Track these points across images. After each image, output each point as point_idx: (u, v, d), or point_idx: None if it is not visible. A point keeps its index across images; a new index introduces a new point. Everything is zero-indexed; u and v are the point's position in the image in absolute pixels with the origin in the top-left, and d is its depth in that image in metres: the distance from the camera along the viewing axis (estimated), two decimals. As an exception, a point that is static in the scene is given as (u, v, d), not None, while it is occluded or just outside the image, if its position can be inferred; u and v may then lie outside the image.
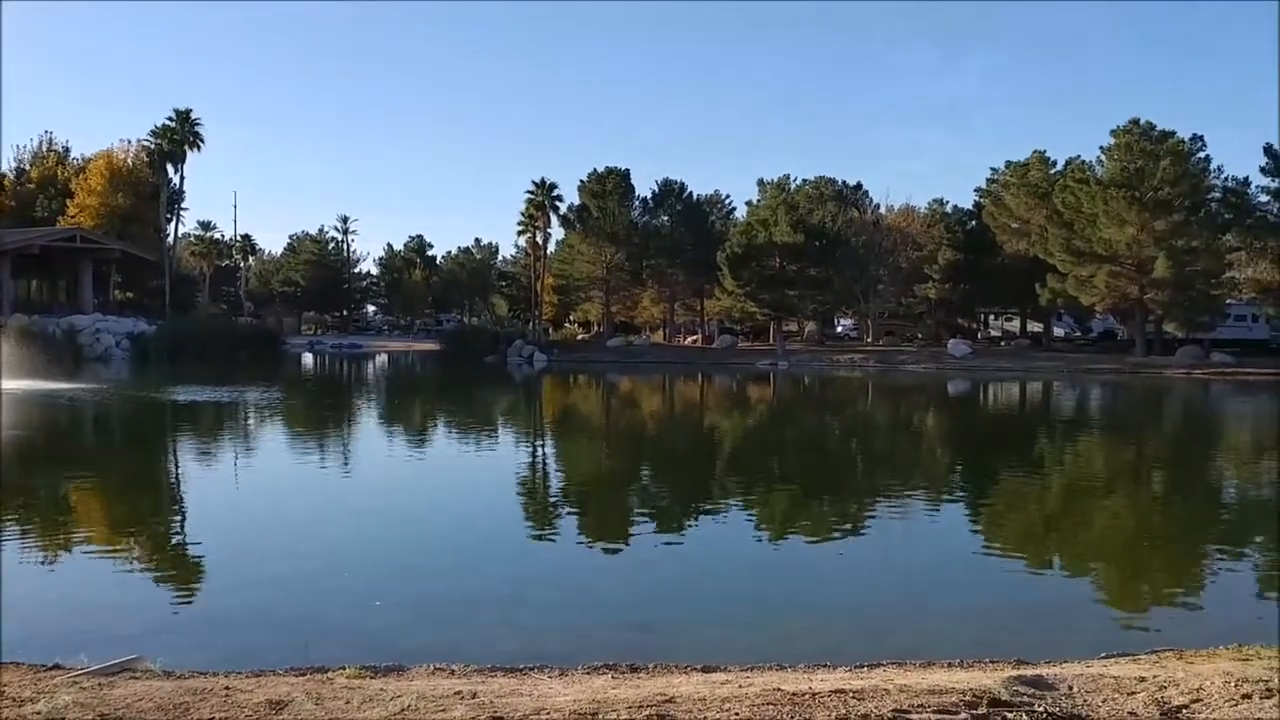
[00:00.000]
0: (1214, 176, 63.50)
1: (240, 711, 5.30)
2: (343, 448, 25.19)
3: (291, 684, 6.27)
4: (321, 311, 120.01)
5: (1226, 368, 59.33)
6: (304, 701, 5.53)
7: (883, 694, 5.41)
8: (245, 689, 5.93)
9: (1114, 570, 12.79)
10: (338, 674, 6.78)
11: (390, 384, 55.79)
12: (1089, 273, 62.82)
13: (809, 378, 58.82)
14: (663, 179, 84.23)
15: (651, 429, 33.18)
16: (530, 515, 16.54)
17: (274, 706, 5.38)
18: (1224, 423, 36.47)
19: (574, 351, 76.70)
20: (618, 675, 7.02)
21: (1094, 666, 7.12)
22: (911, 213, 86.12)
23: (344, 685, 6.22)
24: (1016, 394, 49.50)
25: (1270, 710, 5.49)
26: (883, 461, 24.50)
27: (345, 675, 6.73)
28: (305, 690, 5.89)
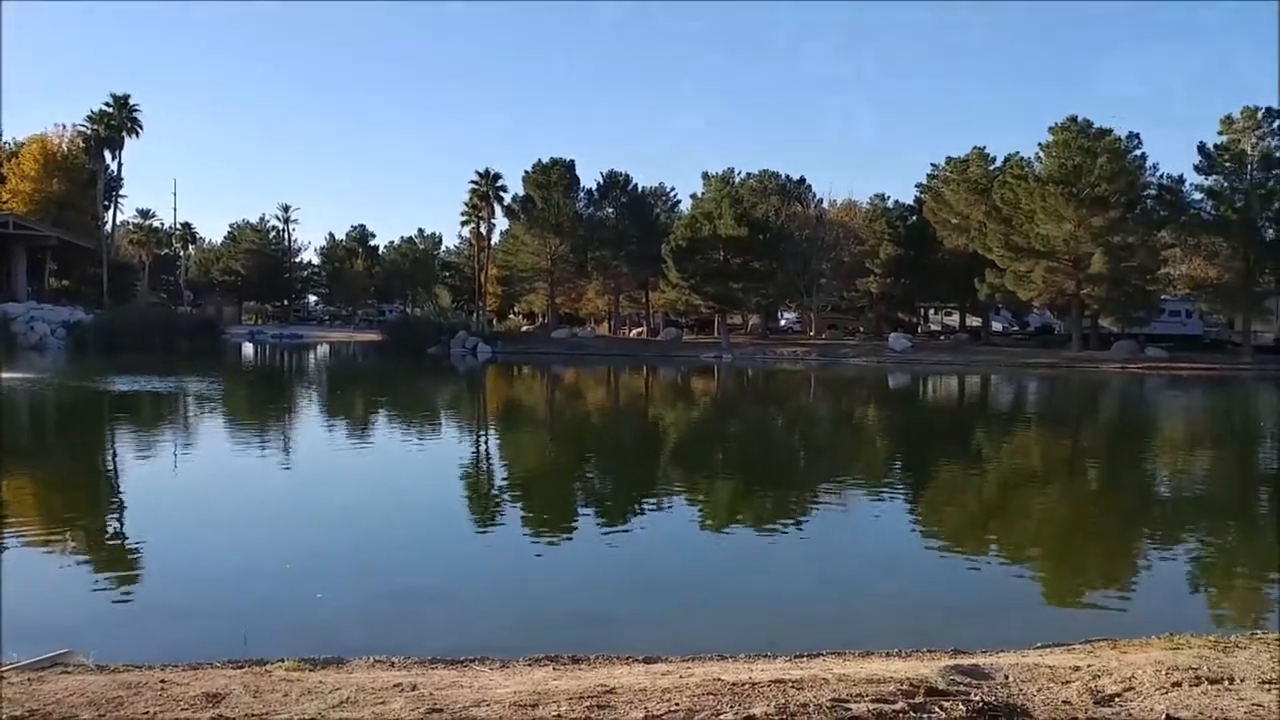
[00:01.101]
0: (1150, 174, 64.79)
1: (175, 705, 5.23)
2: (283, 440, 24.90)
3: (229, 676, 6.20)
4: (262, 301, 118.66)
5: (1160, 362, 60.53)
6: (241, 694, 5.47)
7: (822, 683, 5.46)
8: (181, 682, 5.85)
9: (1050, 561, 13.00)
10: (276, 666, 6.71)
11: (331, 375, 55.23)
12: (1027, 268, 63.74)
13: (753, 370, 59.10)
14: (607, 170, 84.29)
15: (596, 421, 33.16)
16: (473, 508, 16.46)
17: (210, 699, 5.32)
18: (1158, 416, 37.19)
19: (518, 343, 76.45)
20: (559, 667, 7.02)
21: (1029, 656, 7.24)
22: (854, 207, 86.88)
23: (282, 678, 6.17)
24: (955, 387, 50.12)
25: (1199, 697, 5.62)
26: (825, 454, 24.70)
27: (284, 668, 6.67)
28: (243, 683, 5.83)
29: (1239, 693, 5.74)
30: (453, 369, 58.40)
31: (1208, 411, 38.29)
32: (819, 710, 4.76)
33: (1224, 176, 63.72)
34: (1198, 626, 8.57)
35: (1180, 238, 65.34)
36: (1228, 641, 7.53)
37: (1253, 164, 62.76)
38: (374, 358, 66.71)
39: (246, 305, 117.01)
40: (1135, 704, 5.46)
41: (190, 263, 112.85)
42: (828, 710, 4.76)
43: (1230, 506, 17.38)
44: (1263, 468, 23.57)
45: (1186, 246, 66.17)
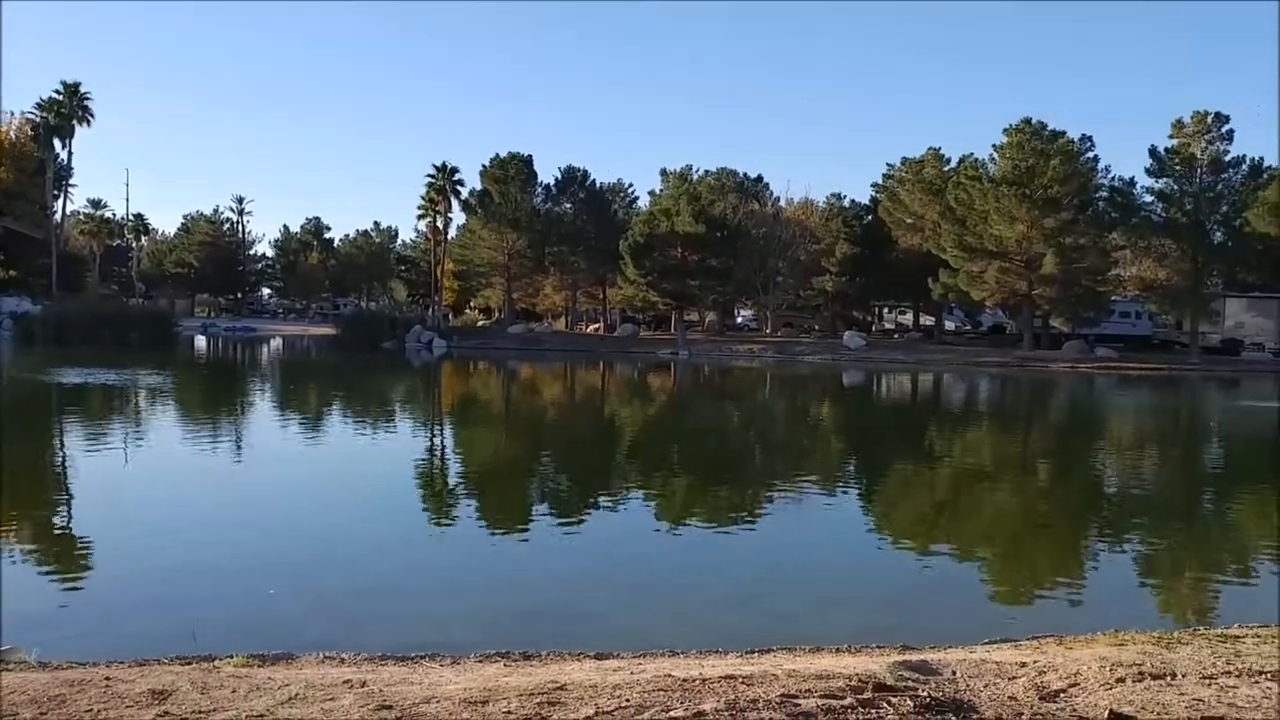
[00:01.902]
0: (1101, 176, 65.52)
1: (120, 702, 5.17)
2: (236, 434, 24.65)
3: (176, 673, 6.14)
4: (216, 294, 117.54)
5: (1110, 362, 61.34)
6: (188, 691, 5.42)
7: (771, 679, 5.49)
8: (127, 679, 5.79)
9: (1000, 558, 13.15)
10: (225, 663, 6.65)
11: (285, 369, 54.71)
12: (980, 268, 64.32)
13: (709, 367, 59.23)
14: (565, 166, 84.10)
15: (552, 416, 33.10)
16: (427, 503, 16.39)
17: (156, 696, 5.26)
18: (1106, 416, 37.67)
19: (474, 338, 76.17)
20: (510, 663, 7.01)
21: (977, 652, 7.32)
22: (810, 206, 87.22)
23: (230, 674, 6.11)
24: (908, 385, 50.49)
25: (1142, 693, 5.71)
26: (779, 450, 24.80)
27: (233, 664, 6.61)
28: (190, 679, 5.77)
29: (1180, 688, 5.84)
30: (407, 364, 58.06)
31: (1155, 411, 38.86)
32: (769, 706, 4.79)
33: (1174, 180, 64.58)
34: (1142, 623, 8.71)
35: (1130, 239, 66.21)
36: (1171, 638, 7.65)
37: (1202, 168, 63.66)
38: (328, 352, 66.19)
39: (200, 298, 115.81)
40: (1080, 699, 5.54)
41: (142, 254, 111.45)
42: (777, 706, 4.78)
43: (1175, 505, 17.66)
44: (1207, 467, 23.97)
45: (1137, 248, 67.06)
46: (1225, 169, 64.05)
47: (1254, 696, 5.71)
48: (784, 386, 47.84)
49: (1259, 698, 5.69)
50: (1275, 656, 6.88)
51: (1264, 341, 66.63)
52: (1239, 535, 15.05)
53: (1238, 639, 7.53)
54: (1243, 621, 8.64)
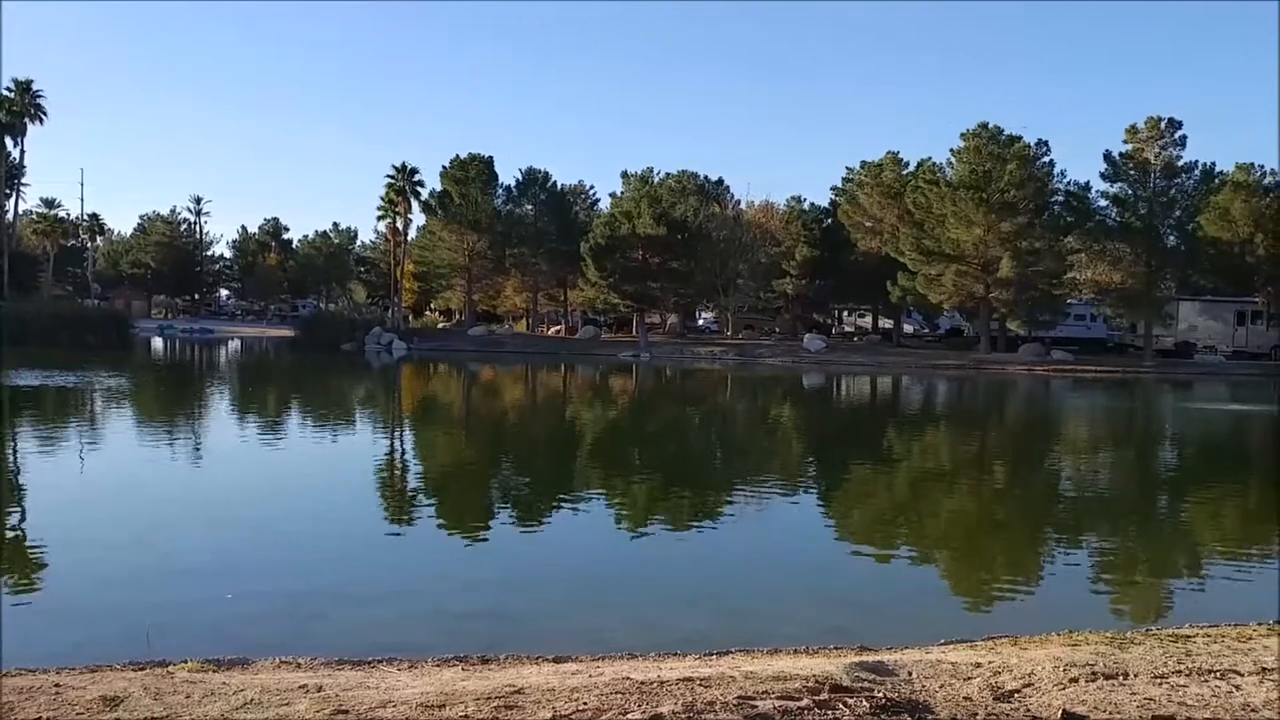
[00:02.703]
0: (1057, 180, 66.18)
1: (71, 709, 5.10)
2: (193, 437, 24.42)
3: (129, 679, 6.07)
4: (173, 295, 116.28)
5: (1066, 364, 62.00)
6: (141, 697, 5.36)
7: (729, 681, 5.52)
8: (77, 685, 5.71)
9: (956, 559, 13.26)
10: (179, 668, 6.59)
11: (243, 371, 54.24)
12: (937, 271, 64.80)
13: (670, 369, 59.30)
14: (526, 167, 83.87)
15: (513, 419, 33.02)
16: (386, 506, 16.32)
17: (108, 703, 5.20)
18: (1062, 417, 38.06)
19: (434, 340, 75.78)
20: (468, 667, 6.99)
21: (933, 652, 7.38)
22: (771, 209, 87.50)
23: (185, 679, 6.06)
24: (868, 388, 50.80)
25: (1095, 693, 5.79)
26: (740, 452, 24.87)
27: (187, 669, 6.55)
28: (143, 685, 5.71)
29: (1132, 688, 5.92)
30: (367, 366, 57.72)
31: (1110, 413, 39.30)
32: (725, 708, 4.81)
33: (1128, 184, 65.37)
34: (1096, 623, 8.82)
35: (1086, 243, 66.93)
36: (1123, 638, 7.76)
37: (1156, 172, 64.47)
38: (286, 353, 65.69)
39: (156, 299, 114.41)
40: (1034, 700, 5.60)
41: (98, 255, 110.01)
42: (734, 708, 4.80)
43: (1129, 506, 17.89)
44: (1160, 469, 24.29)
45: (1092, 252, 67.80)
46: (1178, 174, 64.92)
47: (1203, 695, 5.80)
48: (745, 389, 47.98)
49: (1208, 696, 5.79)
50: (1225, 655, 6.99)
51: (1216, 344, 67.56)
52: (1191, 536, 15.26)
53: (1188, 639, 7.64)
54: (1193, 621, 8.76)
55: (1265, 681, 6.15)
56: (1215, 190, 66.68)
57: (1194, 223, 65.86)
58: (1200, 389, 51.12)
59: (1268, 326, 68.25)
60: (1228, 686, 6.02)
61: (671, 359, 65.99)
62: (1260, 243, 65.71)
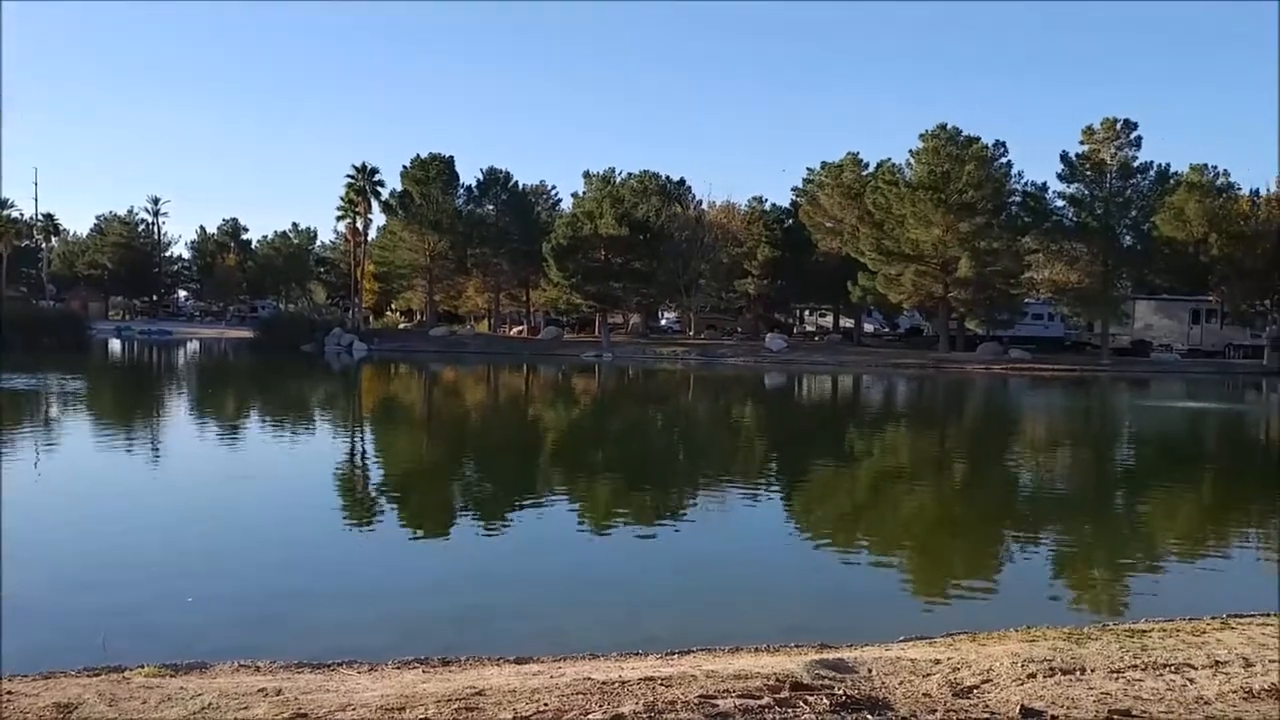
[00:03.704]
0: (1015, 181, 66.67)
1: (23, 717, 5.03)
2: (151, 439, 24.16)
3: (84, 685, 5.99)
4: (130, 296, 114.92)
5: (1023, 363, 62.55)
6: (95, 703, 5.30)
7: (690, 680, 5.53)
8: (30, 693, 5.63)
9: (917, 556, 13.36)
10: (135, 673, 6.51)
11: (202, 373, 53.71)
12: (897, 271, 65.17)
13: (633, 370, 59.31)
14: (487, 167, 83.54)
15: (474, 420, 32.91)
16: (347, 509, 16.21)
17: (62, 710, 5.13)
18: (1020, 416, 38.41)
19: (395, 340, 75.35)
20: (429, 669, 6.96)
21: (893, 649, 7.44)
22: (732, 209, 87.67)
23: (141, 684, 5.99)
24: (829, 387, 51.04)
25: (1052, 688, 5.85)
26: (703, 452, 24.92)
27: (143, 674, 6.48)
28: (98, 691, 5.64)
29: (1089, 682, 5.99)
30: (327, 367, 57.32)
31: (1067, 411, 39.70)
32: (687, 707, 4.81)
33: (1085, 185, 65.95)
34: (1054, 619, 8.91)
35: (1043, 243, 67.48)
36: (1081, 633, 7.84)
37: (1112, 173, 65.12)
38: (246, 355, 65.14)
39: (114, 300, 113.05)
40: (993, 695, 5.65)
41: (53, 256, 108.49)
42: (695, 707, 4.81)
43: (1087, 503, 18.08)
44: (1117, 465, 24.58)
45: (1049, 252, 68.39)
46: (1134, 174, 65.58)
47: (1158, 689, 5.87)
48: (707, 388, 48.07)
49: (1163, 690, 5.86)
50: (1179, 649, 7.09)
51: (1172, 343, 68.42)
52: (1147, 533, 15.46)
53: (1144, 634, 7.74)
54: (1149, 617, 8.87)
55: (1218, 675, 6.24)
56: (1170, 191, 67.43)
57: (1149, 223, 66.57)
58: (1156, 387, 51.76)
59: (1222, 325, 69.17)
60: (1182, 680, 6.10)
61: (634, 359, 66.00)
62: (1214, 242, 66.57)
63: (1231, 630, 7.89)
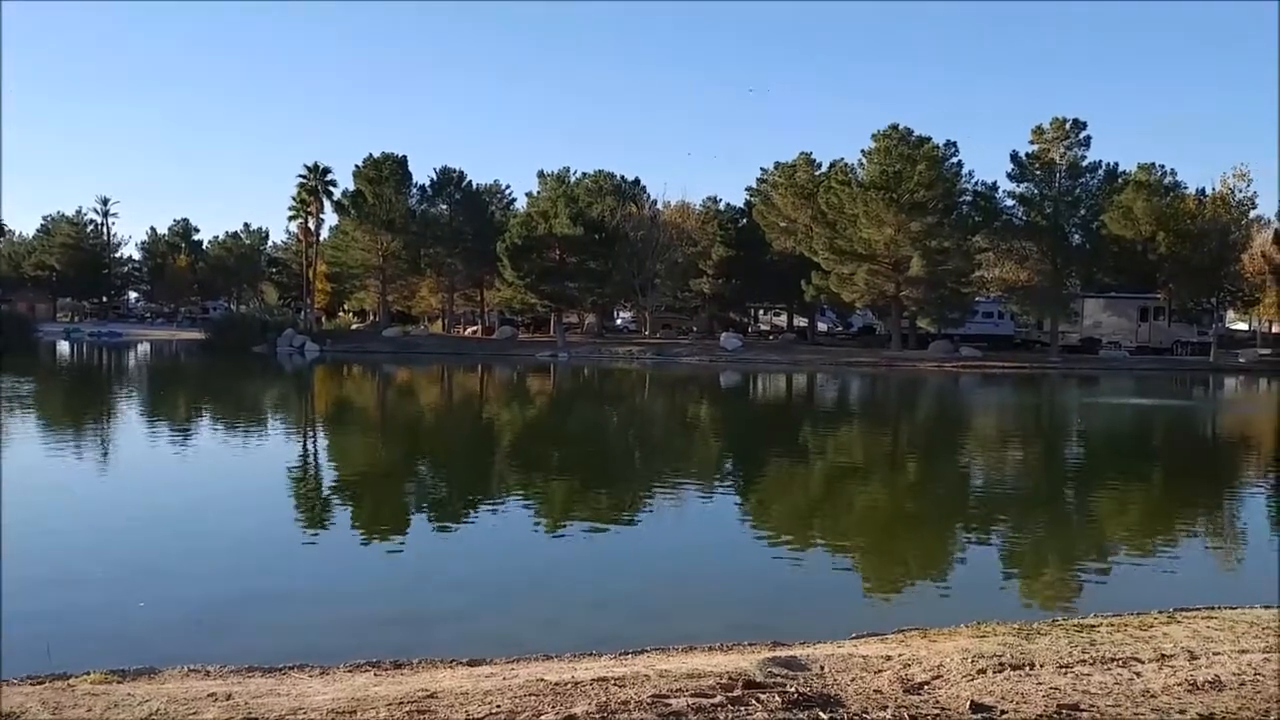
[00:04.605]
0: (966, 181, 67.27)
1: (-36, 727, 4.95)
2: (100, 442, 23.83)
3: (26, 693, 5.89)
4: (79, 298, 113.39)
5: (974, 361, 63.19)
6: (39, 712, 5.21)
7: (643, 680, 5.53)
8: (-29, 702, 5.54)
9: (869, 553, 13.44)
10: (81, 680, 6.41)
11: (152, 375, 53.06)
12: (850, 270, 65.56)
13: (589, 369, 59.25)
14: (441, 167, 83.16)
15: (428, 421, 32.72)
16: (298, 511, 16.08)
17: (4, 719, 5.05)
18: (971, 413, 38.79)
19: (348, 341, 74.78)
20: (380, 672, 6.91)
21: (845, 646, 7.47)
22: (687, 209, 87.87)
23: (87, 691, 5.90)
24: (783, 385, 51.24)
25: (1002, 683, 5.90)
26: (658, 451, 24.93)
27: (90, 681, 6.38)
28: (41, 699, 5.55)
29: (1038, 677, 6.05)
30: (279, 368, 56.81)
31: (1018, 408, 40.15)
32: (639, 707, 4.81)
33: (1034, 184, 66.70)
34: (1004, 614, 8.99)
35: (993, 242, 68.20)
36: (1030, 628, 7.92)
37: (1061, 172, 65.89)
38: (197, 356, 64.44)
39: (62, 302, 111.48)
40: (943, 691, 5.69)
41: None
42: (648, 707, 4.81)
43: (1037, 499, 18.28)
44: (1067, 462, 24.88)
45: (999, 251, 69.13)
46: (1083, 174, 66.40)
47: (1106, 683, 5.95)
48: (663, 388, 48.11)
49: (1111, 684, 5.94)
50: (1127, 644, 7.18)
51: (1120, 340, 69.32)
52: (1097, 528, 15.65)
53: (1093, 628, 7.84)
54: (1098, 611, 8.97)
55: (1164, 668, 6.33)
56: (1118, 190, 68.45)
57: (1098, 221, 67.49)
58: (1105, 384, 52.41)
59: (1169, 322, 70.22)
60: (1129, 674, 6.18)
61: (589, 359, 65.94)
62: (1161, 240, 67.61)
63: (1178, 624, 8.00)
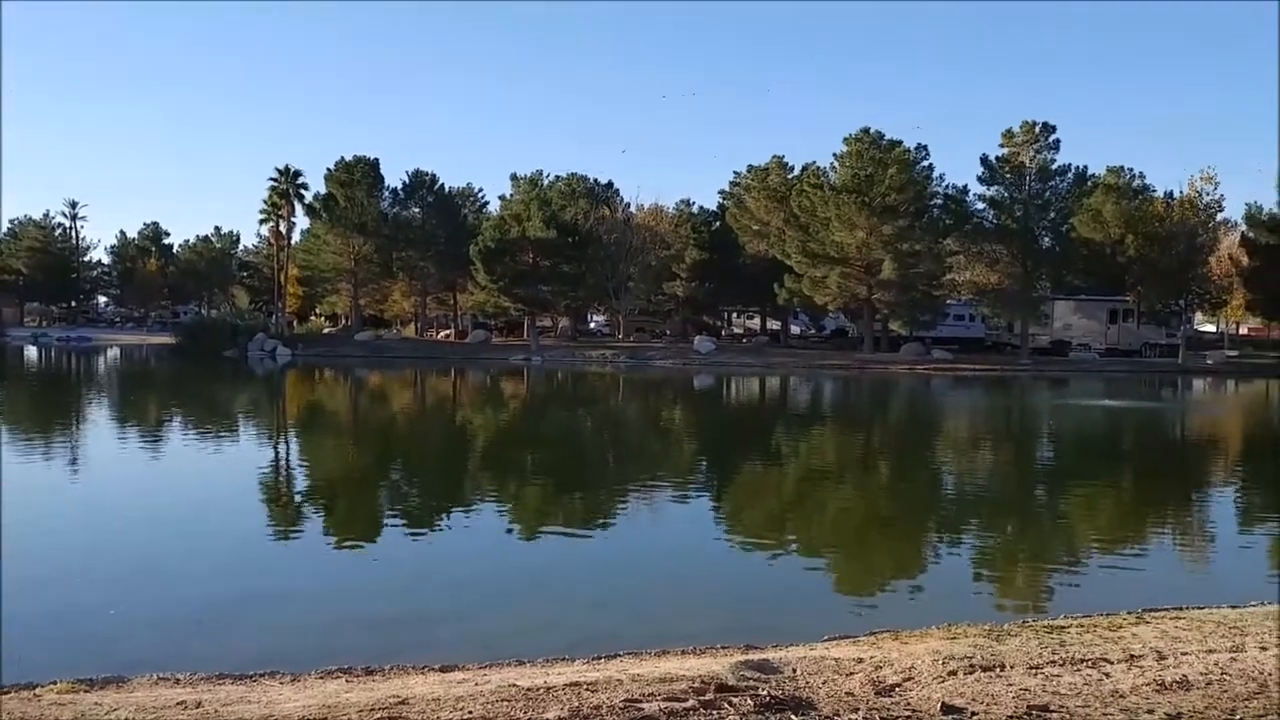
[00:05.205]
0: (936, 184, 67.62)
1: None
2: (70, 448, 23.60)
3: (-8, 704, 5.83)
4: (47, 302, 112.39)
5: (946, 363, 63.53)
6: (5, 722, 5.16)
7: (616, 684, 5.53)
8: (-66, 713, 5.47)
9: (842, 555, 13.49)
10: (47, 690, 6.35)
11: (122, 379, 52.60)
12: (822, 273, 65.79)
13: (562, 373, 59.16)
14: (413, 169, 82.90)
15: (401, 425, 32.59)
16: (270, 516, 15.97)
17: (-32, 730, 5.00)
18: (943, 415, 38.97)
19: (320, 345, 74.36)
20: (352, 678, 6.88)
21: (817, 649, 7.50)
22: (660, 212, 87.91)
23: (53, 701, 5.84)
24: (756, 388, 51.34)
25: (972, 685, 5.93)
26: (632, 455, 24.94)
27: (56, 690, 6.31)
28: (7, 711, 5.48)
29: (1009, 679, 6.09)
30: (250, 372, 56.47)
31: (989, 410, 40.37)
32: (612, 712, 4.81)
33: (1004, 187, 67.06)
34: (975, 616, 9.04)
35: (964, 245, 68.55)
36: (1001, 630, 7.97)
37: (1031, 175, 66.26)
38: (168, 361, 63.95)
39: (30, 306, 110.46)
40: (914, 693, 5.72)
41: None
42: (620, 711, 4.81)
43: (1008, 500, 18.40)
44: (1038, 463, 25.04)
45: (970, 253, 69.48)
46: (1052, 177, 66.76)
47: (1076, 684, 5.99)
48: (637, 391, 48.11)
49: (1080, 685, 5.98)
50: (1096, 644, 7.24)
51: (1090, 342, 69.81)
52: (1068, 529, 15.75)
53: (1063, 629, 7.89)
54: (1068, 612, 9.04)
55: (1133, 669, 6.38)
56: (1087, 193, 68.95)
57: (1067, 224, 67.93)
58: (1075, 385, 52.77)
59: (1138, 324, 70.77)
60: (1098, 674, 6.23)
61: (563, 362, 65.85)
62: (1130, 243, 68.17)
63: (1146, 624, 8.07)
